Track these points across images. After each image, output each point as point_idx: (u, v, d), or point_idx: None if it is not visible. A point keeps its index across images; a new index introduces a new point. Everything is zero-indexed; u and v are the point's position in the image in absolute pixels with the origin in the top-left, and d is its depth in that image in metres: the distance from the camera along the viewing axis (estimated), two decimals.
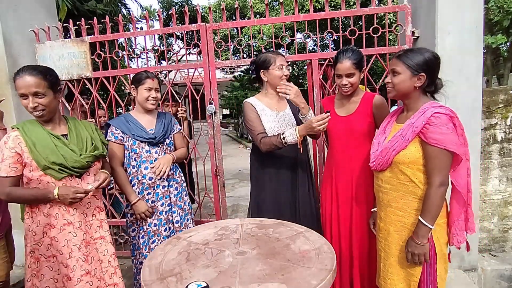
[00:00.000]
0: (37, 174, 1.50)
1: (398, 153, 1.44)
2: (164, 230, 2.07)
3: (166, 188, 2.07)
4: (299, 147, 1.84)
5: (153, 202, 2.05)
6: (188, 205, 2.23)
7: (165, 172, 2.01)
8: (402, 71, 1.42)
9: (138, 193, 2.03)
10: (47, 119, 1.57)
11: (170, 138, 2.15)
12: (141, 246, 2.07)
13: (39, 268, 1.55)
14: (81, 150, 1.61)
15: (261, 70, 1.95)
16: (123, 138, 2.02)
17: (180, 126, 2.31)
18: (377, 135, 1.64)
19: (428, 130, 1.36)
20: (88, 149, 1.63)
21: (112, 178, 1.97)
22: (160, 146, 2.08)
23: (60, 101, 1.90)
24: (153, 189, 2.04)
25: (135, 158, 2.03)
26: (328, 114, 1.66)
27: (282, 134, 1.79)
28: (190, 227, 2.16)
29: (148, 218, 2.03)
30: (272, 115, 1.97)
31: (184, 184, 2.24)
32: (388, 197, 1.52)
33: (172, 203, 2.11)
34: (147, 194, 2.04)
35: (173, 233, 2.09)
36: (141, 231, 2.07)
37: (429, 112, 1.37)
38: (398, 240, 1.51)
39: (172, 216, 2.11)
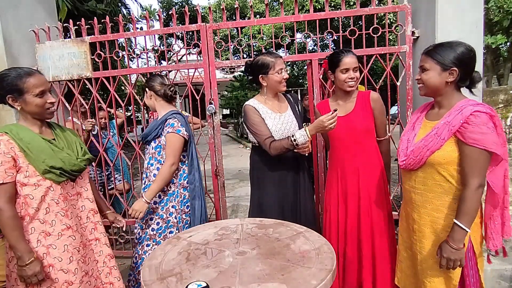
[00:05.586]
0: (35, 180, 1.44)
1: (433, 153, 1.35)
2: (163, 232, 2.05)
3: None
4: (309, 147, 1.85)
5: (155, 203, 2.04)
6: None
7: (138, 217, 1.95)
8: (430, 67, 1.37)
9: (144, 189, 2.06)
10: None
11: (156, 142, 2.03)
12: (137, 246, 2.09)
13: None
14: (73, 154, 1.59)
15: (260, 75, 1.94)
16: None
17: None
18: (405, 132, 1.55)
19: (467, 130, 1.27)
20: (79, 153, 1.62)
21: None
22: (147, 147, 2.09)
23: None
24: None
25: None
26: (336, 111, 1.69)
27: (292, 136, 1.78)
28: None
29: (142, 220, 2.05)
30: (276, 117, 1.96)
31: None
32: (422, 198, 1.44)
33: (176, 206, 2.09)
34: None
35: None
36: (140, 231, 2.08)
37: (468, 110, 1.28)
38: (436, 242, 1.41)
39: (176, 219, 2.08)
